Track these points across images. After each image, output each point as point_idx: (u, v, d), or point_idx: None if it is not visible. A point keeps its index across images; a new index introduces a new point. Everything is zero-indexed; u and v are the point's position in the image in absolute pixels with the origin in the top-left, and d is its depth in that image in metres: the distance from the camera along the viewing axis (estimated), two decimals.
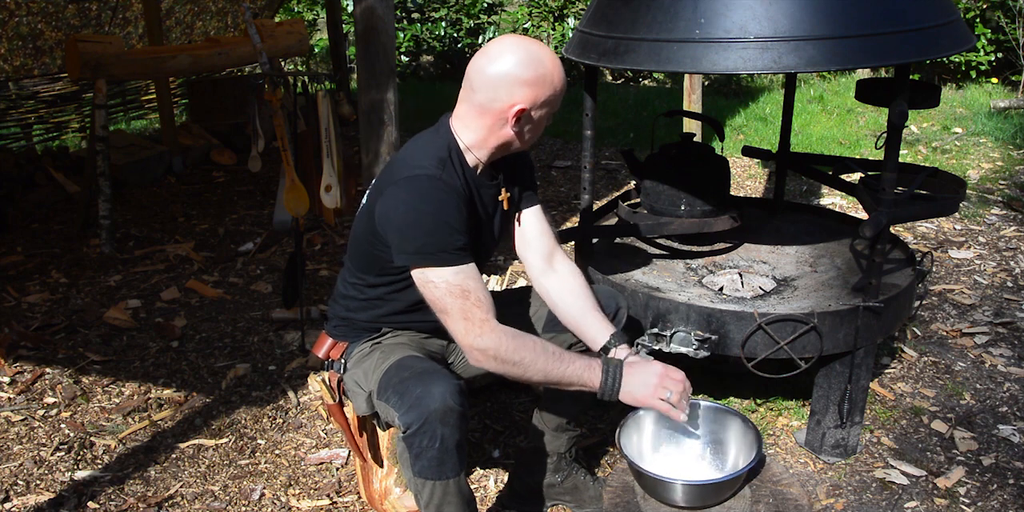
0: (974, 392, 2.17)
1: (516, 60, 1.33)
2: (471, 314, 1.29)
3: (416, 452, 1.29)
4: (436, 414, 1.26)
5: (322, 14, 7.17)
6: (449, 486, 1.33)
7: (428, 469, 1.30)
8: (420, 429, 1.27)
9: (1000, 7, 5.51)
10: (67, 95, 4.97)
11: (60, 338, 2.54)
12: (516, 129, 1.38)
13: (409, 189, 1.32)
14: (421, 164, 1.35)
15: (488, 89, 1.34)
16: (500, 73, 1.33)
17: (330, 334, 1.58)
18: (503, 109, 1.35)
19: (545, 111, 1.39)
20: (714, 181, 2.06)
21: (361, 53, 2.49)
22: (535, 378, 1.32)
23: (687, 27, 1.52)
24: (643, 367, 1.37)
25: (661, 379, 1.36)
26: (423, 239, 1.30)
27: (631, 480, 1.68)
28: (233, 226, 3.54)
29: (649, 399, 1.36)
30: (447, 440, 1.27)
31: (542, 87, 1.35)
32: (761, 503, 1.62)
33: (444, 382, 1.29)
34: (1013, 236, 3.21)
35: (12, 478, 1.87)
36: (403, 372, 1.35)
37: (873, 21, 1.50)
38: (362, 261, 1.48)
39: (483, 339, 1.29)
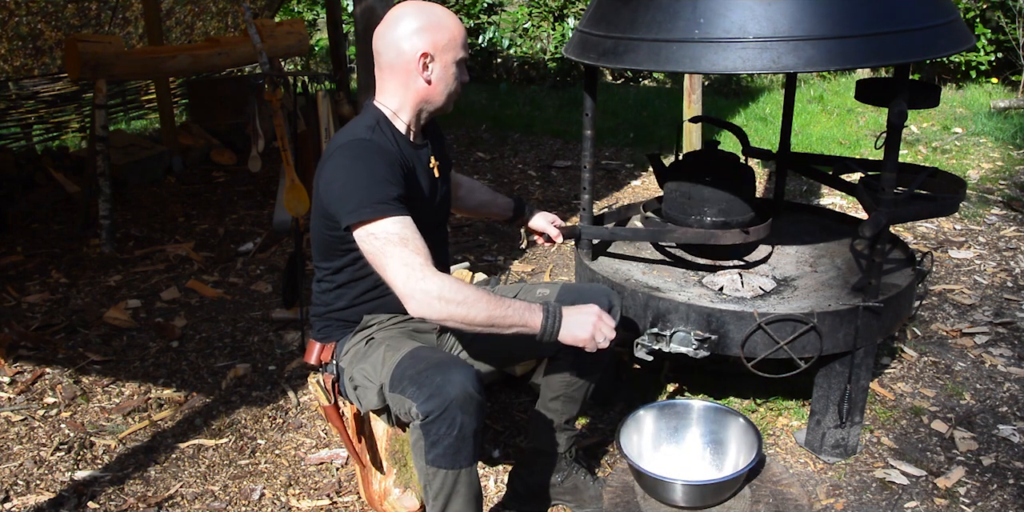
0: (974, 392, 2.17)
1: (406, 16, 1.46)
2: (411, 260, 1.31)
3: (433, 440, 1.30)
4: (456, 401, 1.28)
5: (322, 14, 7.17)
6: (460, 475, 1.34)
7: (443, 457, 1.31)
8: (440, 416, 1.28)
9: (1000, 7, 5.50)
10: (67, 95, 4.97)
11: (60, 338, 2.54)
12: (426, 77, 1.47)
13: (342, 154, 1.41)
14: (350, 133, 1.45)
15: (391, 49, 1.46)
16: (396, 31, 1.45)
17: (316, 339, 1.60)
18: (408, 61, 1.45)
19: (450, 56, 1.47)
20: (736, 191, 1.95)
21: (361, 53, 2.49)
22: (478, 318, 1.31)
23: (686, 27, 1.52)
24: (580, 309, 1.41)
25: (597, 321, 1.39)
26: (361, 194, 1.35)
27: (631, 480, 1.68)
28: (233, 226, 3.54)
29: (587, 339, 1.38)
30: (465, 427, 1.29)
31: (437, 31, 1.45)
32: (761, 503, 1.62)
33: (463, 370, 1.32)
34: (1013, 236, 3.21)
35: (12, 478, 1.87)
36: (418, 363, 1.37)
37: (873, 21, 1.50)
38: (322, 249, 1.53)
39: (426, 281, 1.29)
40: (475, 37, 6.85)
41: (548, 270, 3.03)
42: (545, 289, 1.69)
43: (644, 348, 1.76)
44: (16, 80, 4.73)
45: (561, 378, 1.66)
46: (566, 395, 1.66)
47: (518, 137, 4.90)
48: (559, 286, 1.69)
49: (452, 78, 1.49)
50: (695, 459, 1.76)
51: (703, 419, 1.77)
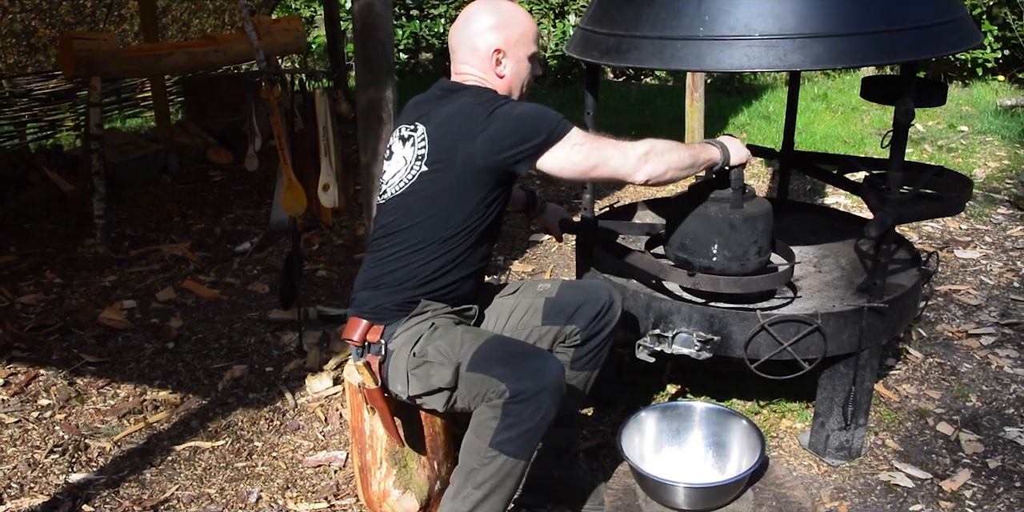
0: (980, 394, 2.15)
1: (480, 13, 1.54)
2: (613, 141, 1.48)
3: (511, 422, 1.31)
4: (551, 389, 1.31)
5: (320, 11, 7.13)
6: (517, 467, 1.35)
7: (512, 442, 1.32)
8: (531, 398, 1.30)
9: (1007, 4, 5.48)
10: (61, 93, 4.94)
11: (54, 339, 2.51)
12: (499, 72, 1.54)
13: (502, 99, 1.48)
14: (491, 93, 1.52)
15: (464, 46, 1.54)
16: (470, 28, 1.54)
17: (364, 317, 1.53)
18: (486, 57, 1.53)
19: (522, 51, 1.55)
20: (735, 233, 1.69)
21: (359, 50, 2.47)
22: (685, 159, 1.53)
23: (691, 24, 1.49)
24: (724, 138, 1.66)
25: (742, 141, 1.69)
26: (549, 116, 1.45)
27: (633, 482, 1.66)
28: (230, 226, 3.51)
29: (747, 151, 1.67)
30: (547, 417, 1.31)
31: (509, 27, 1.53)
32: (764, 506, 1.60)
33: (558, 362, 1.37)
34: (1020, 236, 3.19)
35: (6, 481, 1.85)
36: (511, 346, 1.41)
37: (879, 18, 1.47)
38: (439, 216, 1.49)
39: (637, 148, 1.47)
40: None
41: (549, 270, 3.01)
42: (547, 284, 1.69)
43: (646, 349, 1.74)
44: (10, 77, 4.70)
45: None
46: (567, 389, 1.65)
47: None
48: (559, 282, 1.68)
49: (525, 71, 1.57)
50: (697, 461, 1.74)
51: (705, 421, 1.75)
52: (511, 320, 1.64)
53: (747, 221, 1.69)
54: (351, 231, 3.37)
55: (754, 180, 3.98)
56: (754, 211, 1.71)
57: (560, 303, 1.62)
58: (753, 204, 1.73)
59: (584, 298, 1.62)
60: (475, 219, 1.49)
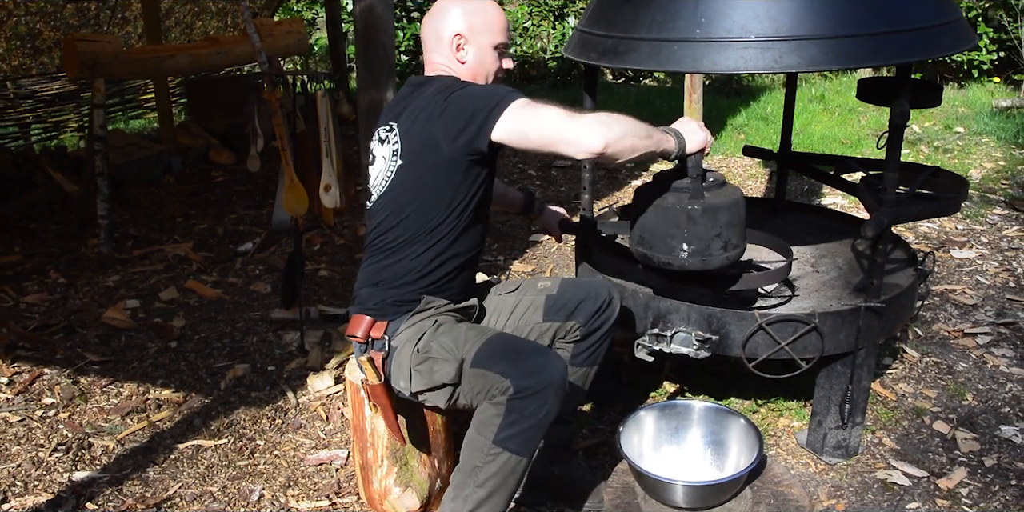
0: (976, 393, 2.16)
1: (447, 3, 1.55)
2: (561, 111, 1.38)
3: (514, 419, 1.31)
4: (555, 385, 1.31)
5: (321, 13, 7.15)
6: (520, 464, 1.35)
7: (514, 439, 1.32)
8: (535, 394, 1.30)
9: (1003, 6, 5.49)
10: (65, 94, 4.96)
11: (58, 338, 2.53)
12: (460, 57, 1.54)
13: (459, 83, 1.46)
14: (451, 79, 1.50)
15: (432, 34, 1.55)
16: (435, 17, 1.55)
17: (368, 313, 1.54)
18: (447, 42, 1.53)
19: (485, 39, 1.53)
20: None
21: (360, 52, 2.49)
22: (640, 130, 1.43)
23: (688, 26, 1.51)
24: (682, 122, 1.55)
25: (700, 125, 1.55)
26: (500, 91, 1.42)
27: (631, 481, 1.68)
28: (232, 226, 3.53)
29: (704, 136, 1.54)
30: (550, 414, 1.31)
31: (473, 14, 1.52)
32: (762, 504, 1.61)
33: (561, 359, 1.37)
34: (1015, 236, 3.21)
35: (10, 479, 1.86)
36: (512, 343, 1.41)
37: (875, 20, 1.49)
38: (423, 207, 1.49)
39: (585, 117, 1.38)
40: None
41: (548, 269, 3.02)
42: (547, 282, 1.71)
43: (645, 349, 1.75)
44: (14, 79, 4.72)
45: None
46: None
47: None
48: (560, 280, 1.70)
49: (490, 61, 1.55)
50: (696, 460, 1.75)
51: (704, 420, 1.76)
52: (512, 317, 1.66)
53: (707, 213, 1.55)
54: (352, 231, 3.38)
55: (752, 180, 4.00)
56: (716, 202, 1.56)
57: (560, 300, 1.64)
58: (718, 194, 1.58)
59: (584, 295, 1.64)
60: (457, 204, 1.49)
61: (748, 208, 1.65)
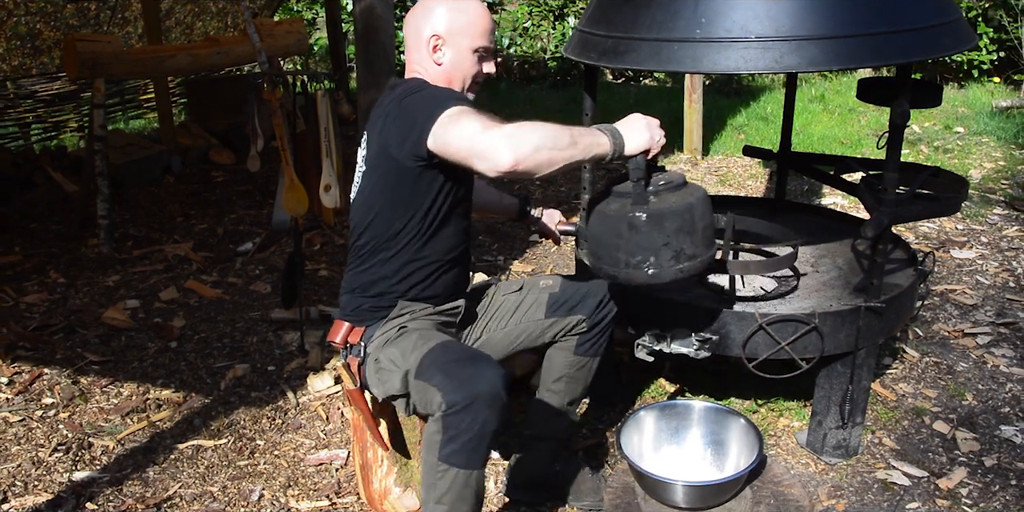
0: (976, 393, 2.16)
1: (430, 2, 1.49)
2: (487, 122, 1.27)
3: (452, 434, 1.28)
4: (484, 397, 1.26)
5: (321, 13, 7.15)
6: (471, 477, 1.33)
7: (458, 454, 1.29)
8: (465, 409, 1.26)
9: (1003, 6, 5.49)
10: (65, 94, 4.96)
11: (58, 338, 2.53)
12: (436, 59, 1.48)
13: (416, 89, 1.41)
14: (416, 84, 1.45)
15: (411, 32, 1.50)
16: (416, 15, 1.50)
17: (346, 319, 1.56)
18: (424, 41, 1.48)
19: (465, 42, 1.47)
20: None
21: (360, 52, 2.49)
22: (564, 139, 1.28)
23: (688, 26, 1.51)
24: (627, 120, 1.39)
25: (648, 124, 1.39)
26: (442, 95, 1.38)
27: (632, 481, 1.68)
28: (232, 226, 3.53)
29: (648, 138, 1.37)
30: (487, 425, 1.27)
31: (453, 14, 1.46)
32: (762, 504, 1.61)
33: (495, 368, 1.31)
34: (1015, 236, 3.21)
35: (10, 479, 1.86)
36: (450, 353, 1.37)
37: (875, 20, 1.49)
38: (383, 213, 1.47)
39: (502, 128, 1.25)
40: None
41: (548, 269, 3.03)
42: (549, 280, 1.72)
43: (645, 348, 1.75)
44: (14, 79, 4.72)
45: (564, 358, 1.68)
46: (569, 376, 1.68)
47: None
48: (561, 278, 1.71)
49: (469, 65, 1.49)
50: (696, 460, 1.76)
51: (704, 420, 1.76)
52: (516, 316, 1.67)
53: (652, 220, 1.38)
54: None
55: (752, 180, 4.00)
56: (662, 207, 1.38)
57: (563, 296, 1.65)
58: (667, 198, 1.40)
59: (587, 290, 1.66)
60: (418, 211, 1.45)
61: (747, 208, 1.65)
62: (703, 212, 1.42)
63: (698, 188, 1.45)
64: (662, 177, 1.44)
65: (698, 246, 1.42)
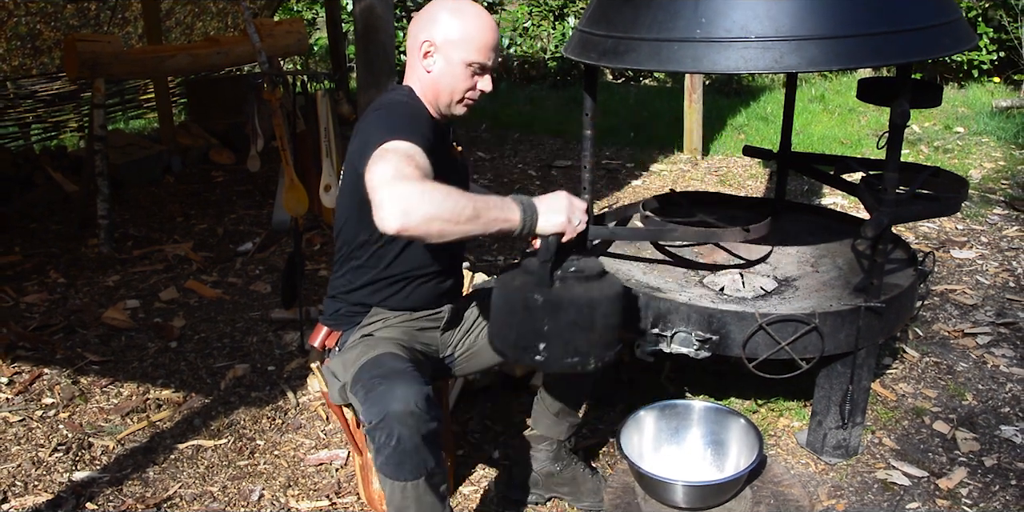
0: (976, 393, 2.16)
1: (436, 5, 1.45)
2: (405, 169, 1.20)
3: (376, 448, 1.30)
4: (395, 414, 1.26)
5: (321, 13, 7.16)
6: (407, 489, 1.32)
7: (386, 466, 1.31)
8: (378, 426, 1.27)
9: (1003, 6, 5.49)
10: (65, 94, 4.96)
11: (58, 338, 2.53)
12: (426, 66, 1.44)
13: (385, 106, 1.41)
14: (387, 98, 1.46)
15: (412, 34, 1.46)
16: (421, 15, 1.45)
17: (325, 323, 1.60)
18: (417, 46, 1.44)
19: (458, 54, 1.42)
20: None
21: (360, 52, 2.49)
22: (466, 212, 1.20)
23: (688, 26, 1.51)
24: (548, 196, 1.33)
25: (569, 202, 1.33)
26: (391, 122, 1.34)
27: (632, 481, 1.68)
28: (232, 226, 3.53)
29: (564, 223, 1.31)
30: (404, 441, 1.27)
31: (452, 23, 1.42)
32: (762, 504, 1.61)
33: (409, 384, 1.29)
34: (1015, 236, 3.21)
35: (10, 479, 1.86)
36: (375, 369, 1.36)
37: (875, 20, 1.49)
38: (351, 221, 1.49)
39: (409, 182, 1.18)
40: None
41: None
42: None
43: (645, 349, 1.75)
44: (14, 79, 4.72)
45: None
46: (567, 378, 1.66)
47: (518, 136, 4.90)
48: None
49: (460, 79, 1.43)
50: (696, 460, 1.76)
51: (704, 420, 1.76)
52: None
53: (547, 306, 1.29)
54: None
55: (752, 180, 4.00)
56: (561, 295, 1.30)
57: None
58: (574, 287, 1.31)
59: None
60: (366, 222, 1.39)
61: (748, 208, 1.65)
62: (608, 311, 1.32)
63: (613, 285, 1.36)
64: (576, 264, 1.35)
65: (594, 345, 1.32)
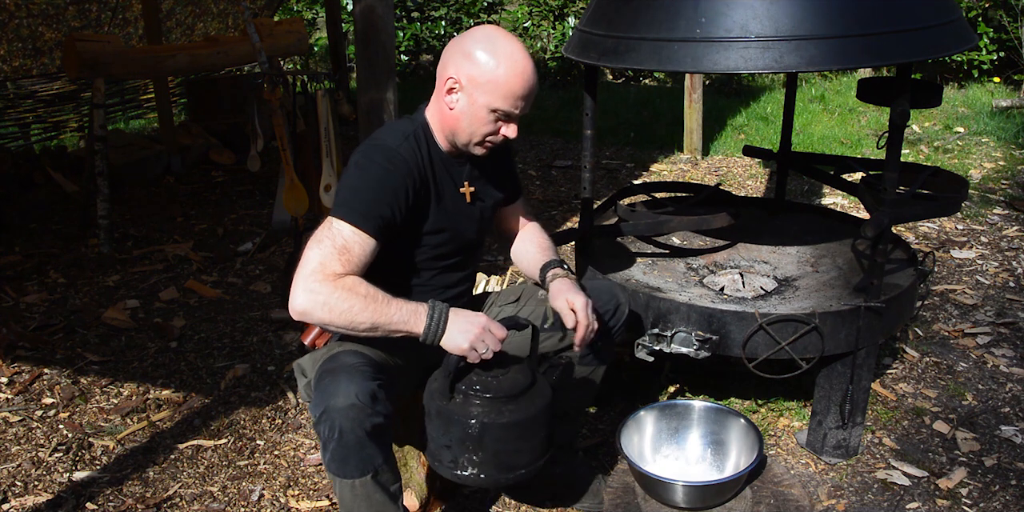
0: (976, 393, 2.16)
1: (477, 34, 1.38)
2: (330, 263, 1.29)
3: (322, 443, 1.30)
4: (334, 409, 1.26)
5: (321, 13, 7.16)
6: (356, 487, 1.32)
7: (332, 463, 1.30)
8: (321, 420, 1.27)
9: (1003, 6, 5.49)
10: (65, 94, 4.96)
11: (58, 338, 2.53)
12: (449, 102, 1.40)
13: (363, 154, 1.39)
14: (382, 138, 1.43)
15: (441, 63, 1.41)
16: (455, 44, 1.39)
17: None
18: (441, 80, 1.40)
19: (483, 98, 1.36)
20: None
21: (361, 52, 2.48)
22: (363, 324, 1.28)
23: (688, 26, 1.51)
24: (467, 315, 1.33)
25: (481, 330, 1.32)
26: (352, 193, 1.35)
27: (632, 481, 1.68)
28: (232, 226, 3.53)
29: (465, 349, 1.31)
30: (346, 434, 1.26)
31: (484, 65, 1.35)
32: (762, 504, 1.61)
33: (355, 379, 1.28)
34: (1015, 236, 3.21)
35: (10, 479, 1.86)
36: (329, 364, 1.36)
37: (875, 20, 1.49)
38: None
39: (324, 284, 1.27)
40: None
41: None
42: None
43: (645, 349, 1.75)
44: (15, 80, 4.72)
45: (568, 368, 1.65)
46: (574, 384, 1.66)
47: (518, 136, 4.89)
48: None
49: (480, 123, 1.39)
50: (696, 460, 1.75)
51: (704, 420, 1.76)
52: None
53: (441, 418, 1.34)
54: None
55: (753, 180, 4.00)
56: (453, 411, 1.33)
57: None
58: (472, 403, 1.33)
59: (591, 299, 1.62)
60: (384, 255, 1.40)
61: (748, 208, 1.65)
62: (503, 436, 1.32)
63: (520, 412, 1.34)
64: (482, 382, 1.34)
65: (486, 465, 1.33)
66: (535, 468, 1.40)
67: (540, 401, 1.37)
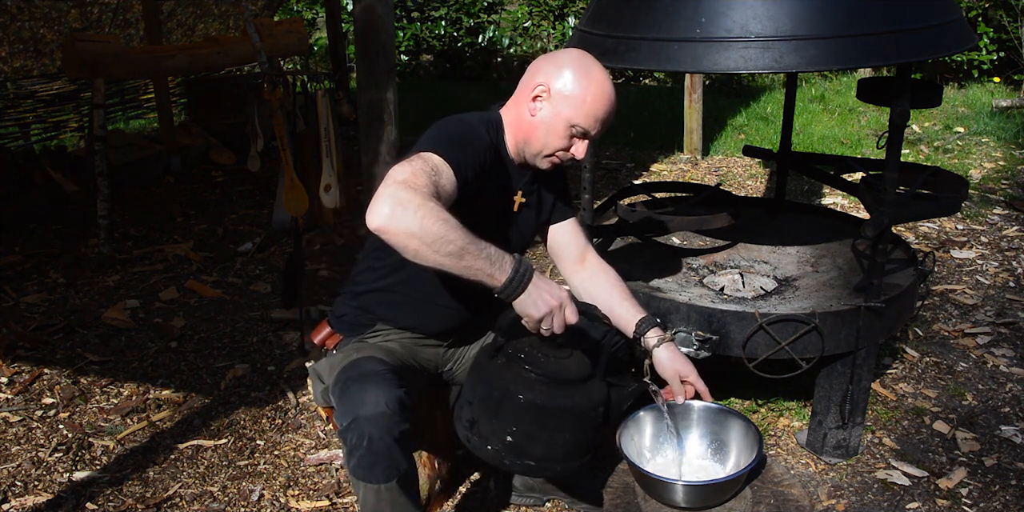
0: (976, 393, 2.16)
1: (570, 55, 1.41)
2: (419, 179, 1.18)
3: (348, 450, 1.30)
4: (364, 416, 1.26)
5: (321, 13, 7.16)
6: (381, 491, 1.32)
7: (358, 469, 1.30)
8: (349, 428, 1.27)
9: (1003, 6, 5.49)
10: (65, 94, 4.96)
11: (58, 338, 2.53)
12: (531, 109, 1.40)
13: (449, 119, 1.39)
14: (465, 116, 1.43)
15: (531, 69, 1.42)
16: (549, 59, 1.42)
17: (330, 323, 1.57)
18: (531, 86, 1.40)
19: (567, 111, 1.37)
20: None
21: (360, 52, 2.49)
22: (454, 245, 1.15)
23: (688, 26, 1.51)
24: (550, 286, 1.25)
25: (559, 306, 1.24)
26: (442, 136, 1.32)
27: (631, 481, 1.68)
28: (232, 226, 3.53)
29: (534, 316, 1.24)
30: (375, 443, 1.27)
31: (576, 82, 1.37)
32: (762, 504, 1.61)
33: (382, 387, 1.29)
34: (1015, 236, 3.21)
35: (10, 479, 1.86)
36: (351, 371, 1.36)
37: (875, 20, 1.49)
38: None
39: (417, 194, 1.15)
40: (475, 36, 6.83)
41: (548, 270, 3.02)
42: None
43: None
44: (15, 80, 4.72)
45: None
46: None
47: None
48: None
49: (556, 134, 1.39)
50: (696, 460, 1.75)
51: (704, 420, 1.76)
52: None
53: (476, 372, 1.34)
54: (352, 231, 3.38)
55: (752, 180, 4.00)
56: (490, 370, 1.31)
57: None
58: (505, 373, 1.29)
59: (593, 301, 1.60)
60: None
61: (748, 209, 1.65)
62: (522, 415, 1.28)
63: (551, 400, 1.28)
64: (531, 354, 1.29)
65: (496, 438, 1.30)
66: (547, 467, 1.35)
67: (580, 400, 1.30)
